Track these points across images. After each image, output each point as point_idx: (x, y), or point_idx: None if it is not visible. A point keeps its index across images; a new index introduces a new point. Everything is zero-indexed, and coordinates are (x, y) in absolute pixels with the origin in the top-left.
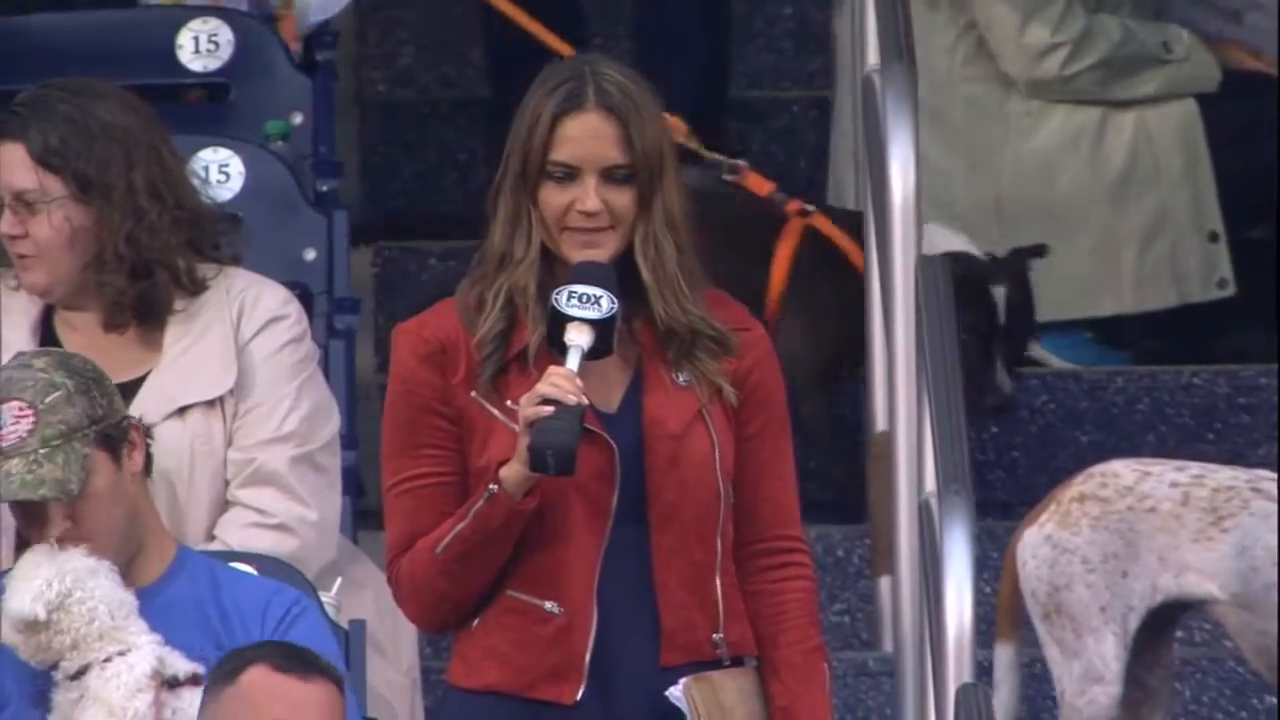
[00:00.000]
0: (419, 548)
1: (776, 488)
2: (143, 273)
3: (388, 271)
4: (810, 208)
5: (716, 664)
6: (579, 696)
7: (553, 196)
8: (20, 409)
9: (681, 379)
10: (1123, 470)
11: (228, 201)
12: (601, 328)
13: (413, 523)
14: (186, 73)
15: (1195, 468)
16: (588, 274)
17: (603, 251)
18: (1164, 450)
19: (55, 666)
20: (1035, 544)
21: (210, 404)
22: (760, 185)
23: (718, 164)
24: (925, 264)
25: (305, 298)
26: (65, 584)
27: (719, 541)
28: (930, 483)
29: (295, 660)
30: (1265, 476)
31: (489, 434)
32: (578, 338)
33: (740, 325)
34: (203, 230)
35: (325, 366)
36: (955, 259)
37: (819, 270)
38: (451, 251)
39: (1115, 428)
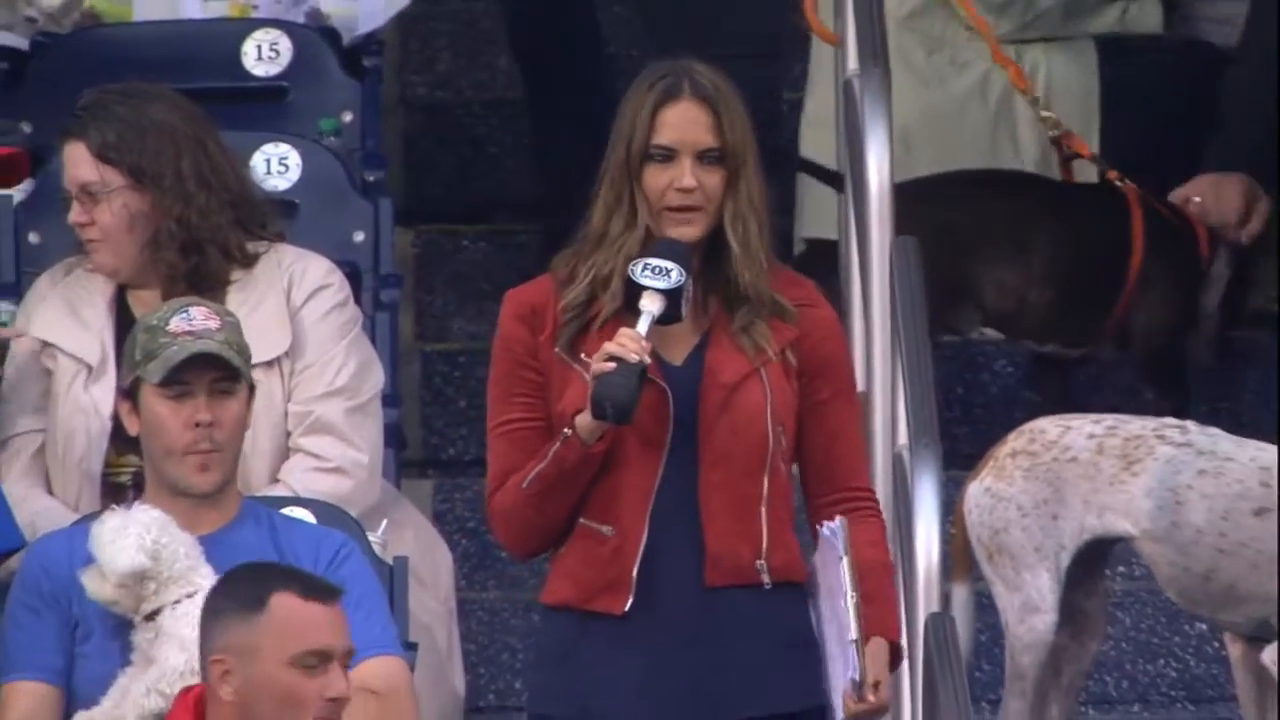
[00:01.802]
0: (510, 484)
1: (847, 448)
2: (194, 249)
3: (426, 251)
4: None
5: (759, 587)
6: (627, 607)
7: (654, 178)
8: (208, 313)
9: (743, 341)
10: (1048, 426)
11: (285, 190)
12: (671, 297)
13: (506, 461)
14: (250, 77)
15: (1110, 419)
16: (663, 250)
17: (695, 229)
18: (1108, 410)
19: (136, 610)
20: (977, 495)
21: (269, 364)
22: (1087, 151)
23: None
24: (899, 245)
25: (354, 274)
26: (154, 533)
27: (766, 478)
28: (902, 436)
29: (312, 584)
30: (1170, 424)
31: (565, 384)
32: (649, 305)
33: (808, 302)
34: (249, 210)
35: (371, 334)
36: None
37: (1157, 245)
38: (483, 234)
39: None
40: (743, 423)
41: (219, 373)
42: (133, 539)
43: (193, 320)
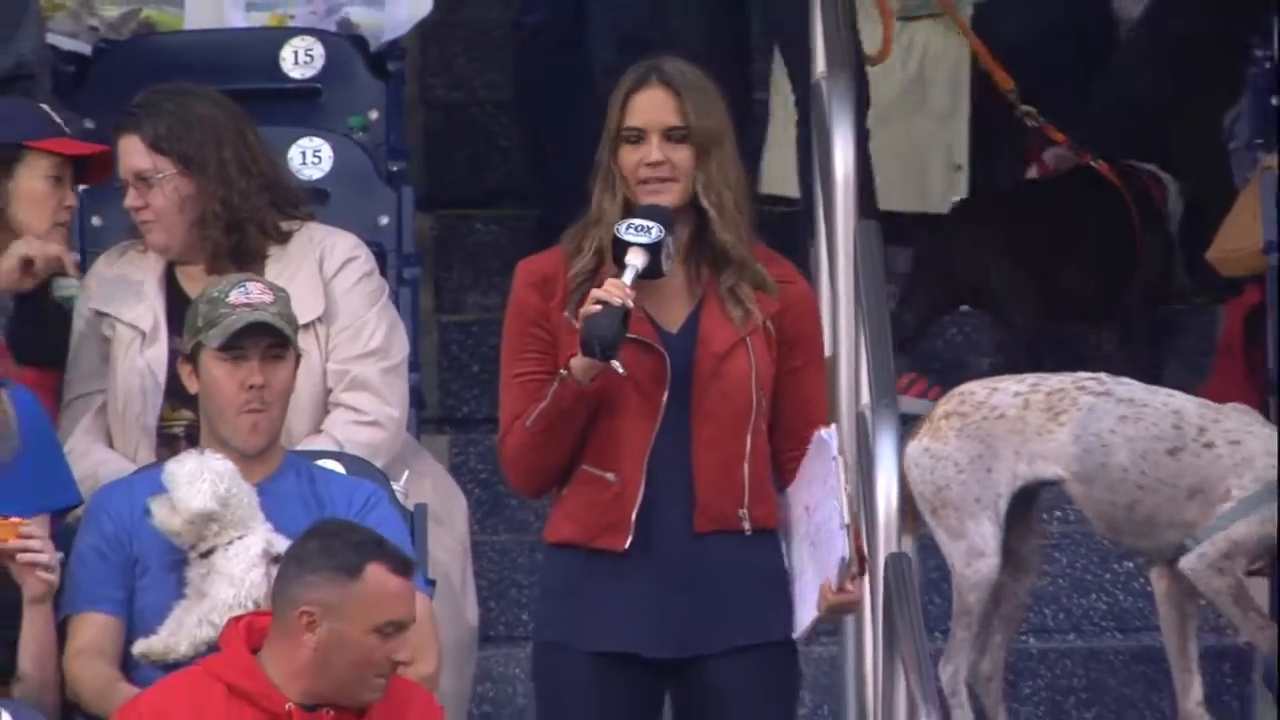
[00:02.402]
0: (516, 427)
1: (815, 410)
2: (235, 228)
3: (444, 234)
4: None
5: (740, 533)
6: (627, 545)
7: (627, 155)
8: (263, 288)
9: (732, 311)
10: (976, 389)
11: (319, 179)
12: (652, 252)
13: (516, 407)
14: (288, 79)
15: (1032, 378)
16: (645, 212)
17: (667, 198)
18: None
19: (192, 547)
20: (916, 455)
21: (305, 327)
22: (1056, 135)
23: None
24: (862, 229)
25: (379, 254)
26: (226, 483)
27: (749, 437)
28: (865, 397)
29: (400, 561)
30: (1086, 377)
31: (573, 344)
32: (633, 259)
33: (787, 279)
34: (283, 193)
35: (395, 307)
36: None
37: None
38: (493, 218)
39: (1008, 354)
40: (731, 388)
41: (271, 340)
42: (208, 484)
43: (250, 294)
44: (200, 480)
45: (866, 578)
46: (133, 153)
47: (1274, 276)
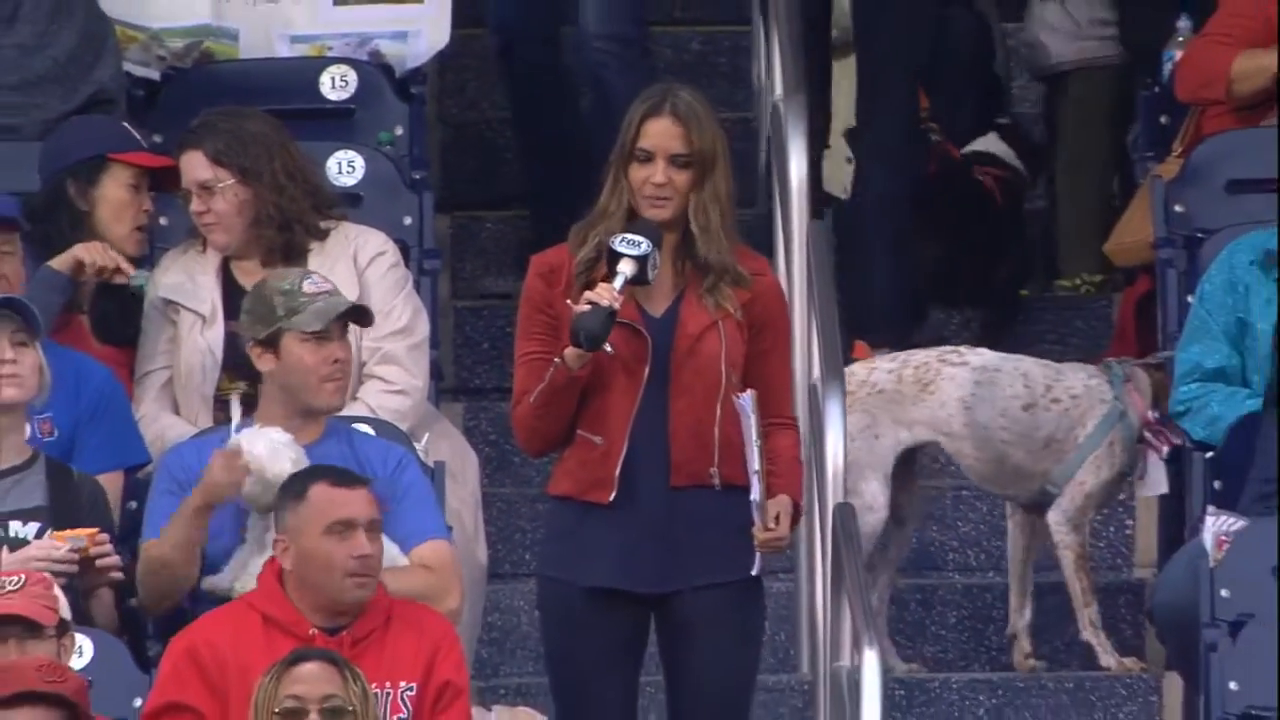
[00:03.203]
0: (524, 400)
1: (780, 386)
2: (285, 227)
3: (459, 232)
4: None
5: (711, 488)
6: (611, 498)
7: (636, 172)
8: (322, 279)
9: (707, 301)
10: (857, 369)
11: (353, 186)
12: (640, 263)
13: (524, 383)
14: (326, 101)
15: (900, 356)
16: (638, 227)
17: (664, 213)
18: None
19: (260, 507)
20: None
21: None
22: (954, 151)
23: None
24: (813, 228)
25: (404, 249)
26: (294, 450)
27: (719, 407)
28: (816, 371)
29: (342, 476)
30: (946, 350)
31: None
32: (624, 267)
33: (760, 272)
34: (322, 197)
35: (417, 293)
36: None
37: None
38: (502, 219)
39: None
40: (703, 365)
41: (344, 321)
42: (285, 455)
43: (319, 284)
44: (284, 449)
45: (817, 523)
46: (196, 166)
47: (1161, 268)
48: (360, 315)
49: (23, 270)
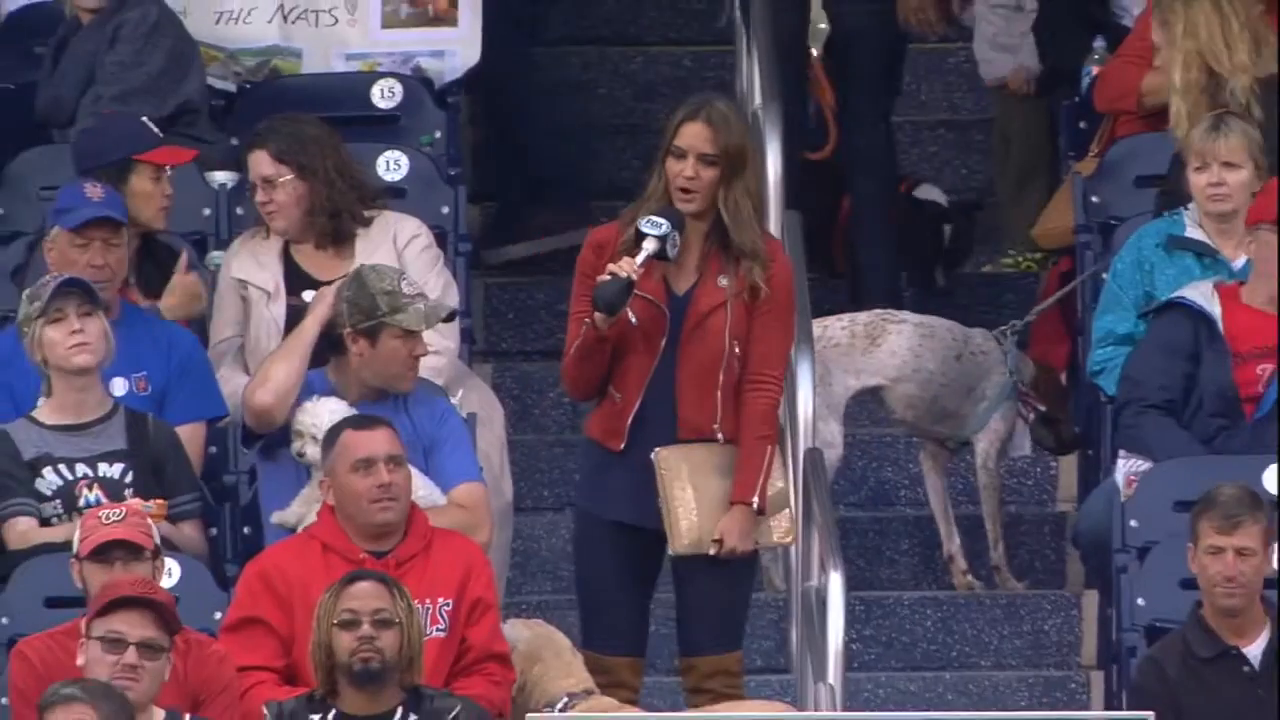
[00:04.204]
0: (569, 352)
1: (767, 348)
2: (336, 216)
3: (488, 219)
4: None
5: (715, 441)
6: (622, 446)
7: (672, 166)
8: (411, 282)
9: (724, 282)
10: (814, 327)
11: (398, 181)
12: (660, 241)
13: (571, 338)
14: (376, 109)
15: (847, 317)
16: (663, 212)
17: (692, 205)
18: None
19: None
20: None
21: None
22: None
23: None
24: (788, 217)
25: (442, 234)
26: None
27: (721, 374)
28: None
29: (362, 420)
30: (884, 313)
31: None
32: (648, 245)
33: (772, 256)
34: (366, 190)
35: (453, 271)
36: (931, 205)
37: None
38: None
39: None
40: (709, 336)
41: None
42: (335, 407)
43: (414, 285)
44: (327, 407)
45: (791, 467)
46: (261, 163)
47: (1080, 250)
48: (452, 317)
49: (126, 261)
